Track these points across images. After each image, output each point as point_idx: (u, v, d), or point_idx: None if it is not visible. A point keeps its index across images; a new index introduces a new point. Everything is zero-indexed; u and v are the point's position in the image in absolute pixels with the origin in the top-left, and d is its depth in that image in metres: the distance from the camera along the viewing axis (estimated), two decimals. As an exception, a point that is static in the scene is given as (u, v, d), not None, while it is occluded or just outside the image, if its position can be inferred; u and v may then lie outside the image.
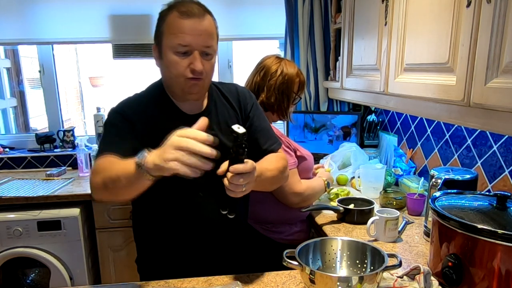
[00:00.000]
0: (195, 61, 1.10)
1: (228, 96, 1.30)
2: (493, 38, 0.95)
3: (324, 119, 2.53)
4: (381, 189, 1.85)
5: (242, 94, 1.33)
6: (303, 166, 1.65)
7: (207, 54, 1.13)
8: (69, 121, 5.00)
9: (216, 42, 1.17)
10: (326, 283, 0.97)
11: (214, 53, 1.16)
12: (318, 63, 2.58)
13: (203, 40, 1.10)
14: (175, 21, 1.09)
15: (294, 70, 1.66)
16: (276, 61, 1.66)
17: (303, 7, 2.51)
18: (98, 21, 2.60)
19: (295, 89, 1.67)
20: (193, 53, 1.10)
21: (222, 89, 1.31)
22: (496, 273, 0.94)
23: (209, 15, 1.14)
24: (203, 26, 1.10)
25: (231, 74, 2.87)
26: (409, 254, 1.33)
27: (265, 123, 1.35)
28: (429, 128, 1.93)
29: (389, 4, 1.52)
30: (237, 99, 1.31)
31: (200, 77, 1.13)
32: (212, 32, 1.13)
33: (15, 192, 2.18)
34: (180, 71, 1.12)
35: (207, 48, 1.12)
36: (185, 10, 1.09)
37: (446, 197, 1.19)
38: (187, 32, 1.08)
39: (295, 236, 1.66)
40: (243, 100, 1.31)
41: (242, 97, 1.32)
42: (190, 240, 1.27)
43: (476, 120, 1.08)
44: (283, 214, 1.63)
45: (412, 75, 1.37)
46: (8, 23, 2.55)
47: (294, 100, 1.69)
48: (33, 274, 2.29)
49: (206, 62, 1.13)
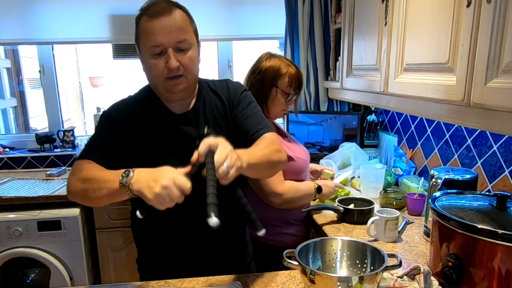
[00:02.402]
0: (169, 58, 1.09)
1: (218, 90, 1.27)
2: (493, 38, 0.95)
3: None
4: (381, 189, 1.85)
5: (232, 87, 1.29)
6: (291, 167, 1.59)
7: (182, 50, 1.11)
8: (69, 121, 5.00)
9: (193, 35, 1.15)
10: (326, 283, 0.97)
11: (191, 46, 1.13)
12: (318, 63, 2.58)
13: (174, 36, 1.09)
14: (145, 24, 1.10)
15: (275, 63, 1.60)
16: (263, 58, 1.63)
17: (303, 7, 2.51)
18: (98, 21, 2.60)
19: (280, 83, 1.59)
20: (167, 51, 1.09)
21: (212, 85, 1.29)
22: (496, 273, 0.94)
23: (179, 9, 1.12)
24: (171, 22, 1.08)
25: (231, 74, 2.87)
26: (409, 254, 1.33)
27: (253, 110, 1.27)
28: (429, 128, 1.93)
29: (389, 4, 1.52)
30: (227, 92, 1.27)
31: (179, 73, 1.12)
32: (182, 26, 1.10)
33: (15, 192, 2.18)
34: (159, 72, 1.12)
35: (180, 43, 1.10)
36: (152, 11, 1.09)
37: (446, 197, 1.19)
38: (157, 32, 1.08)
39: (283, 237, 1.64)
40: (232, 93, 1.27)
41: (232, 90, 1.28)
42: (189, 240, 1.27)
43: (476, 120, 1.08)
44: (265, 214, 1.59)
45: (412, 75, 1.37)
46: (8, 23, 2.55)
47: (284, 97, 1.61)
48: (33, 274, 2.30)
49: (183, 57, 1.11)
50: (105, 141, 1.18)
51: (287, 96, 1.62)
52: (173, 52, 1.10)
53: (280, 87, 1.60)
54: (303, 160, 1.66)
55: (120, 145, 1.17)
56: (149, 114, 1.21)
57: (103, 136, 1.19)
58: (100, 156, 1.13)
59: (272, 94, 1.60)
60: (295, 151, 1.64)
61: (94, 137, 1.21)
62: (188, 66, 1.13)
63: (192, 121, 1.21)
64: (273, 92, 1.60)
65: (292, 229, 1.67)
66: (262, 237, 1.63)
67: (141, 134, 1.19)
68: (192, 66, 1.14)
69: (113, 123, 1.19)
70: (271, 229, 1.64)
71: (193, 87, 1.22)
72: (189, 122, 1.21)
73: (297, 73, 1.64)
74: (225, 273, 1.21)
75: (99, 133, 1.21)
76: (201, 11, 2.60)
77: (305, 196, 1.63)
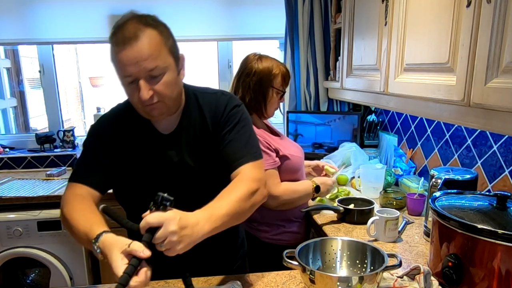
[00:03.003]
0: (140, 91, 1.03)
1: (204, 109, 1.19)
2: (493, 38, 0.95)
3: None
4: (381, 189, 1.85)
5: (221, 103, 1.19)
6: (287, 166, 1.60)
7: (155, 77, 1.03)
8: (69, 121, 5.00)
9: (167, 56, 1.05)
10: (326, 283, 0.97)
11: (166, 69, 1.05)
12: (318, 63, 2.58)
13: (143, 66, 1.01)
14: (114, 52, 1.02)
15: (268, 64, 1.60)
16: (252, 60, 1.63)
17: (303, 7, 2.51)
18: (98, 21, 2.60)
19: (275, 83, 1.61)
20: (138, 82, 1.03)
21: (201, 98, 1.21)
22: (496, 273, 0.94)
23: (148, 30, 1.02)
24: (138, 52, 1.00)
25: (231, 74, 2.87)
26: (409, 254, 1.33)
27: (237, 133, 1.17)
28: (429, 128, 1.93)
29: (389, 4, 1.52)
30: (214, 112, 1.18)
31: (153, 102, 1.06)
32: (151, 54, 1.01)
33: (15, 192, 2.18)
34: (135, 100, 1.07)
35: (151, 71, 1.02)
36: (119, 39, 1.01)
37: (446, 197, 1.19)
38: (125, 63, 1.01)
39: (284, 236, 1.64)
40: (219, 114, 1.18)
41: (220, 107, 1.18)
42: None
43: (476, 120, 1.08)
44: (266, 213, 1.60)
45: (412, 75, 1.37)
46: (8, 23, 2.55)
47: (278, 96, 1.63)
48: (33, 274, 2.30)
49: (157, 84, 1.04)
50: (93, 159, 1.17)
51: (280, 94, 1.65)
52: (144, 83, 1.03)
53: (275, 87, 1.62)
54: (298, 157, 1.67)
55: (108, 162, 1.16)
56: (137, 132, 1.18)
57: (91, 153, 1.18)
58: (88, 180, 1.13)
59: (269, 95, 1.62)
60: (290, 149, 1.65)
61: (83, 156, 1.20)
62: (163, 93, 1.06)
63: (175, 143, 1.18)
64: (270, 92, 1.62)
65: (294, 226, 1.68)
66: (265, 236, 1.65)
67: (126, 151, 1.18)
68: (169, 90, 1.07)
69: (100, 140, 1.18)
70: (275, 229, 1.65)
71: (176, 105, 1.15)
72: (171, 145, 1.18)
73: (287, 70, 1.67)
74: (225, 273, 1.21)
75: (85, 151, 1.20)
76: (201, 11, 2.60)
77: (303, 196, 1.63)
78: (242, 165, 1.12)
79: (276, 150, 1.59)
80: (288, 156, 1.61)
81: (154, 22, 1.06)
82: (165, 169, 1.18)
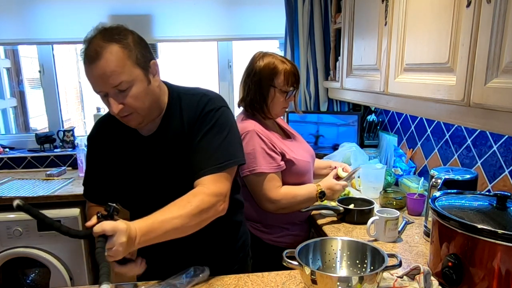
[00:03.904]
0: (111, 106, 1.07)
1: (184, 110, 1.18)
2: (493, 38, 0.95)
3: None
4: (381, 189, 1.85)
5: (199, 107, 1.17)
6: (292, 169, 1.57)
7: (123, 91, 1.06)
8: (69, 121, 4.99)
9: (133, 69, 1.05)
10: (326, 283, 0.97)
11: (133, 82, 1.06)
12: (318, 63, 2.58)
13: (109, 82, 1.03)
14: (84, 69, 1.06)
15: (269, 63, 1.55)
16: (255, 58, 1.59)
17: (303, 7, 2.51)
18: (98, 21, 2.55)
19: (276, 82, 1.55)
20: (108, 96, 1.07)
21: (183, 101, 1.20)
22: (496, 273, 0.94)
23: (111, 46, 1.03)
24: (102, 69, 1.02)
25: (231, 74, 2.87)
26: (409, 254, 1.33)
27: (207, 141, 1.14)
28: (429, 128, 1.93)
29: (389, 4, 1.52)
30: (192, 113, 1.17)
31: (125, 114, 1.09)
32: (114, 70, 1.02)
33: (15, 192, 2.18)
34: (110, 111, 1.11)
35: (117, 86, 1.04)
36: (85, 57, 1.05)
37: (446, 197, 1.19)
38: (93, 80, 1.06)
39: (286, 239, 1.64)
40: (195, 115, 1.16)
41: (197, 111, 1.17)
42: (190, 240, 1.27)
43: (476, 120, 1.08)
44: (270, 216, 1.59)
45: (412, 75, 1.37)
46: (8, 23, 2.55)
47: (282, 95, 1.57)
48: (33, 274, 2.30)
49: (126, 98, 1.06)
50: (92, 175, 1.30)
51: (285, 94, 1.58)
52: (113, 97, 1.06)
53: (277, 86, 1.56)
54: (305, 162, 1.63)
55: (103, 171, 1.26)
56: (121, 134, 1.22)
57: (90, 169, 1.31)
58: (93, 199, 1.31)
59: (270, 94, 1.57)
60: (297, 153, 1.61)
61: (86, 168, 1.33)
62: (133, 105, 1.08)
63: (154, 145, 1.20)
64: (272, 92, 1.57)
65: (297, 229, 1.67)
66: (268, 238, 1.64)
67: (114, 154, 1.24)
68: (139, 102, 1.08)
69: (94, 149, 1.27)
70: (278, 231, 1.64)
71: (153, 112, 1.16)
72: (150, 147, 1.20)
73: (292, 69, 1.58)
74: (225, 273, 1.21)
75: (87, 164, 1.32)
76: (201, 11, 2.60)
77: (303, 201, 1.57)
78: (202, 176, 1.11)
79: (282, 153, 1.56)
80: (293, 160, 1.57)
81: (119, 35, 1.06)
82: (145, 170, 1.21)
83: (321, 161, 1.95)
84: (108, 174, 1.26)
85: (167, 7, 2.57)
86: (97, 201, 1.30)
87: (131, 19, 2.59)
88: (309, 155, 1.69)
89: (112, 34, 1.06)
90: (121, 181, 1.25)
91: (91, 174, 1.31)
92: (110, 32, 1.06)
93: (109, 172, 1.25)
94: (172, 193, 1.13)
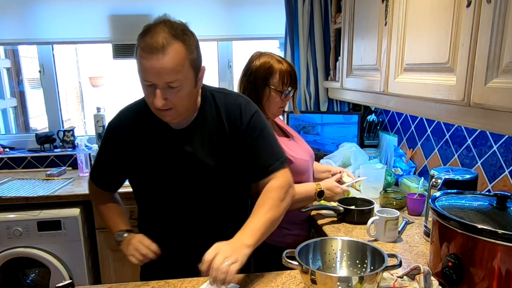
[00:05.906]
0: (156, 98, 1.08)
1: (221, 108, 1.23)
2: (493, 38, 0.95)
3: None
4: (381, 189, 1.85)
5: (237, 107, 1.23)
6: (291, 169, 1.50)
7: (172, 88, 1.08)
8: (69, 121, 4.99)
9: (189, 70, 1.09)
10: (326, 283, 0.97)
11: (183, 83, 1.09)
12: (318, 63, 2.58)
13: (163, 78, 1.05)
14: (140, 56, 1.06)
15: (264, 62, 1.55)
16: (252, 58, 1.59)
17: (303, 7, 2.51)
18: (98, 21, 2.60)
19: (272, 82, 1.54)
20: (156, 88, 1.08)
21: (218, 100, 1.24)
22: (496, 273, 0.94)
23: (176, 44, 1.05)
24: (162, 64, 1.03)
25: (231, 74, 2.87)
26: (409, 254, 1.33)
27: (265, 141, 1.24)
28: (429, 128, 1.93)
29: (389, 4, 1.52)
30: (231, 113, 1.22)
31: (166, 108, 1.11)
32: (173, 68, 1.05)
33: (15, 192, 2.18)
34: (149, 101, 1.12)
35: (170, 83, 1.07)
36: (147, 45, 1.04)
37: (446, 197, 1.19)
38: (148, 70, 1.05)
39: (286, 239, 1.63)
40: (236, 116, 1.22)
41: (236, 112, 1.22)
42: (190, 240, 1.27)
43: (476, 120, 1.08)
44: None
45: (412, 75, 1.37)
46: (8, 23, 2.55)
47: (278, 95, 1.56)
48: (33, 274, 2.29)
49: (173, 94, 1.09)
50: (106, 163, 1.33)
51: (281, 93, 1.57)
52: (161, 92, 1.07)
53: (272, 86, 1.55)
54: (304, 161, 1.63)
55: (119, 162, 1.28)
56: (151, 128, 1.23)
57: (104, 156, 1.33)
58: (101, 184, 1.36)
59: (266, 94, 1.56)
60: (295, 152, 1.61)
61: (99, 153, 1.36)
62: (175, 102, 1.10)
63: (188, 139, 1.21)
64: (267, 91, 1.56)
65: (297, 229, 1.67)
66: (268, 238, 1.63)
67: (139, 146, 1.24)
68: (183, 101, 1.12)
69: (114, 137, 1.27)
70: (278, 231, 1.62)
71: (190, 110, 1.19)
72: (184, 140, 1.21)
73: (288, 68, 1.57)
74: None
75: (101, 151, 1.35)
76: (201, 11, 2.60)
77: (302, 199, 1.57)
78: (272, 173, 1.22)
79: None
80: (291, 159, 1.55)
81: (183, 33, 1.08)
82: (177, 163, 1.21)
83: (320, 165, 1.95)
84: (124, 163, 1.26)
85: (167, 7, 2.55)
86: (104, 187, 1.36)
87: (131, 19, 2.59)
88: (308, 155, 1.69)
89: (180, 32, 1.07)
90: (140, 171, 1.25)
91: (104, 161, 1.33)
92: (177, 28, 1.07)
93: (126, 161, 1.26)
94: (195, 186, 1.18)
